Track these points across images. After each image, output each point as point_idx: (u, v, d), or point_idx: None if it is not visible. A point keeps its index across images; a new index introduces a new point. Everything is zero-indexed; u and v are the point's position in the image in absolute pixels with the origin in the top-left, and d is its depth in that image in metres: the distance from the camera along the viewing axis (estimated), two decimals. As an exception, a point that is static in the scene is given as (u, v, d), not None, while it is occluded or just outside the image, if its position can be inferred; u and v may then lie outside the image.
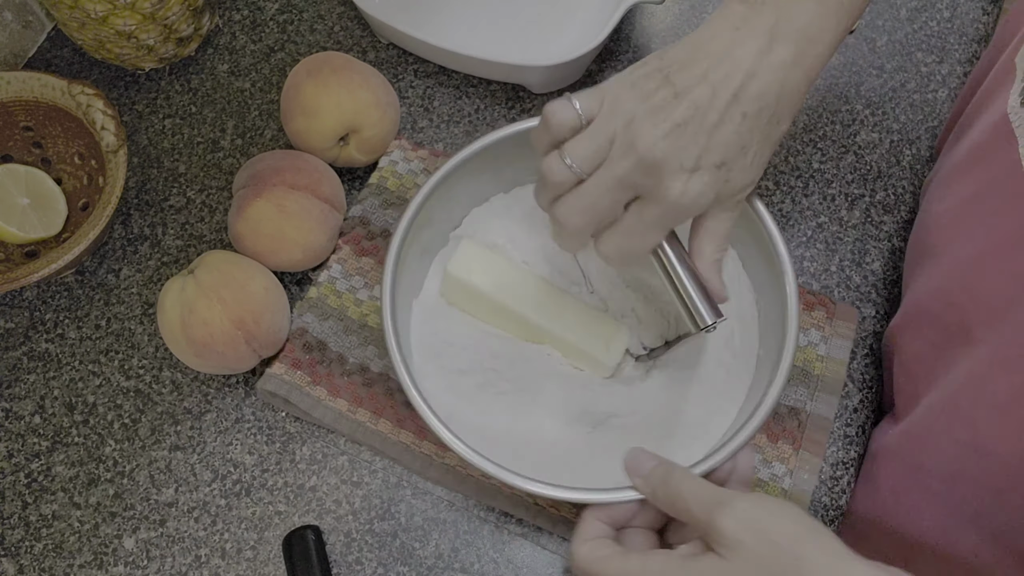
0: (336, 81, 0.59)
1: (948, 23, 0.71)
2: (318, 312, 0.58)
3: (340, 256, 0.60)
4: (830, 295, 0.61)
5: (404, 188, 0.62)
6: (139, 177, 0.65)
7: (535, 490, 0.45)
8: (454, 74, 0.69)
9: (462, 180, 0.54)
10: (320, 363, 0.57)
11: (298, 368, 0.57)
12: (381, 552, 0.55)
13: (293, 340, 0.57)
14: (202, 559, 0.54)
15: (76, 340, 0.60)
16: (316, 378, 0.57)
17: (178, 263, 0.62)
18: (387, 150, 0.63)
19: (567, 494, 0.45)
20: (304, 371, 0.57)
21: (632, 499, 0.44)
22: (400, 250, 0.51)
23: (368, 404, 0.56)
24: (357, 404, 0.56)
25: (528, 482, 0.45)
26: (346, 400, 0.56)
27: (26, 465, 0.57)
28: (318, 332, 0.58)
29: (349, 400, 0.56)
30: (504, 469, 0.45)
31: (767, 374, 0.49)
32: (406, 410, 0.56)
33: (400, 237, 0.51)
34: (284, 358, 0.57)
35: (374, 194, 0.61)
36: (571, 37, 0.69)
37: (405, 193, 0.62)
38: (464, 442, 0.46)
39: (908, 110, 0.68)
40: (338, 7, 0.71)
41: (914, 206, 0.64)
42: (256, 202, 0.56)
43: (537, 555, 0.55)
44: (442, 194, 0.53)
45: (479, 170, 0.55)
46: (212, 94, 0.68)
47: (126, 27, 0.61)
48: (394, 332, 0.49)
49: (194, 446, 0.57)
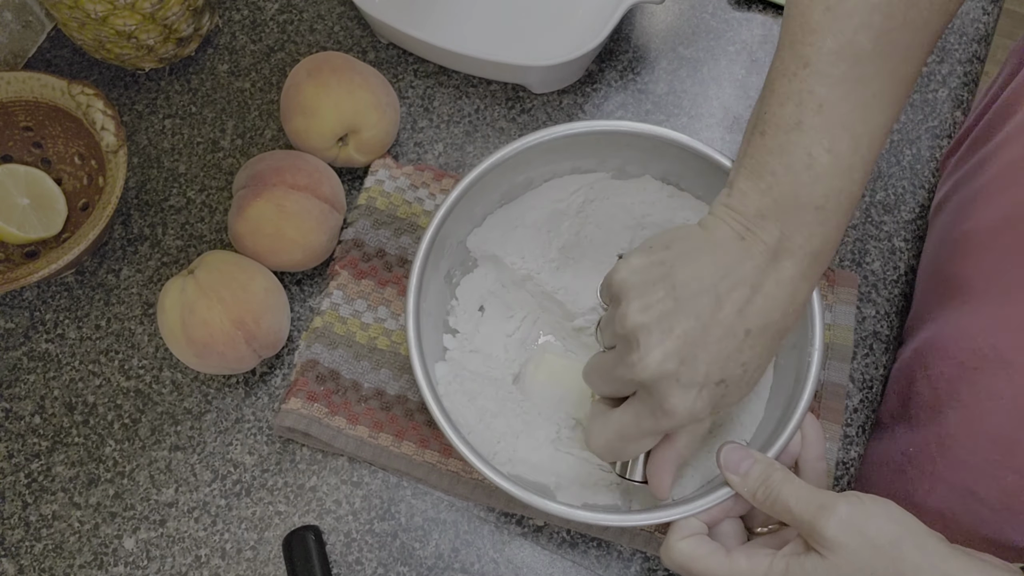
0: (336, 81, 0.59)
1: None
2: (326, 341, 0.57)
3: (339, 282, 0.59)
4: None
5: (394, 206, 0.61)
6: (139, 177, 0.65)
7: (608, 523, 0.45)
8: (454, 74, 0.69)
9: (472, 198, 0.53)
10: (335, 392, 0.56)
11: (314, 400, 0.55)
12: (381, 552, 0.55)
13: (305, 373, 0.56)
14: (202, 559, 0.54)
15: (76, 340, 0.60)
16: (333, 408, 0.55)
17: (178, 263, 0.62)
18: (371, 169, 0.62)
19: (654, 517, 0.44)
20: (320, 402, 0.55)
21: (724, 499, 0.44)
22: (421, 278, 0.50)
23: (389, 428, 0.56)
24: (378, 429, 0.56)
25: (595, 515, 0.45)
26: (366, 426, 0.55)
27: (26, 465, 0.57)
28: (329, 361, 0.56)
29: (369, 426, 0.55)
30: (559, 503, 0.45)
31: (796, 361, 0.49)
32: (429, 430, 0.56)
33: (420, 265, 0.50)
34: (298, 392, 0.55)
35: (364, 215, 0.60)
36: (571, 37, 0.68)
37: (395, 211, 0.61)
38: (509, 479, 0.46)
39: (908, 110, 0.68)
40: (338, 7, 0.71)
41: (914, 206, 0.64)
42: (256, 202, 0.56)
43: (537, 555, 0.55)
44: (456, 214, 0.53)
45: (489, 185, 0.54)
46: (212, 94, 0.68)
47: (126, 27, 0.61)
48: (419, 352, 0.48)
49: (194, 446, 0.57)
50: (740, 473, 0.43)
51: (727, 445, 0.44)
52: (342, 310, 0.58)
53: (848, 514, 0.38)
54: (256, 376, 0.59)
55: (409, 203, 0.61)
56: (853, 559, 0.38)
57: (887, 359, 0.61)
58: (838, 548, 0.38)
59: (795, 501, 0.40)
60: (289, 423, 0.54)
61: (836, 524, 0.38)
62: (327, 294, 0.59)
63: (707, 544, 0.43)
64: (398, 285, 0.60)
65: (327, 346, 0.57)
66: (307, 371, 0.56)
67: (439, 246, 0.52)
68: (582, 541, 0.55)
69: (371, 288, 0.59)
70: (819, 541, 0.39)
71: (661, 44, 0.70)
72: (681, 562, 0.43)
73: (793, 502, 0.40)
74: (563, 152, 0.54)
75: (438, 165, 0.65)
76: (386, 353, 0.58)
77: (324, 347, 0.57)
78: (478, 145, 0.66)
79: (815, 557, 0.39)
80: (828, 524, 0.38)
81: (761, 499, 0.42)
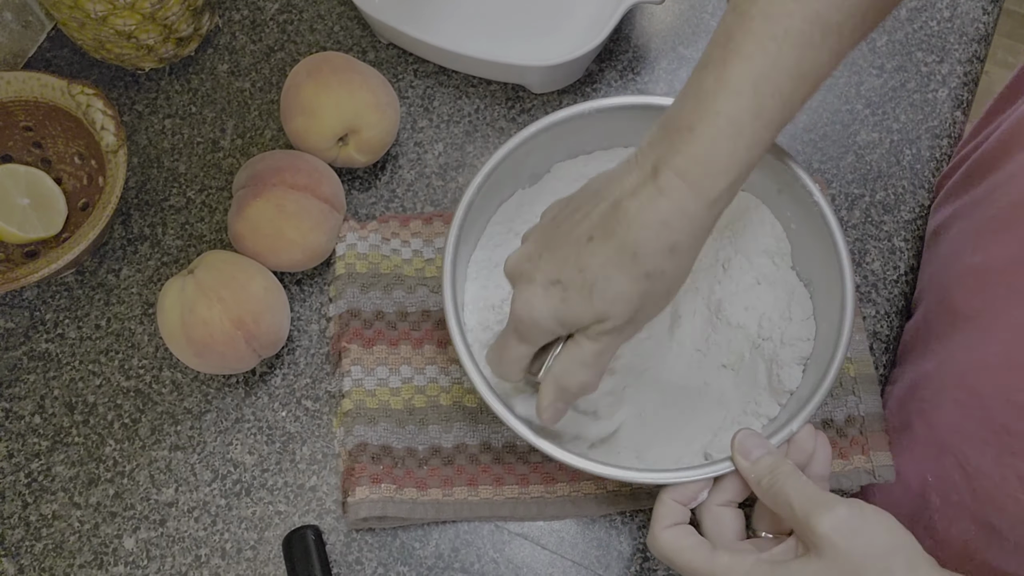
0: (336, 81, 0.59)
1: (948, 23, 0.71)
2: (364, 420, 0.55)
3: (352, 358, 0.56)
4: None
5: (374, 265, 0.59)
6: (139, 177, 0.65)
7: (646, 479, 0.46)
8: (454, 74, 0.69)
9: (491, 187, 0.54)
10: (395, 466, 0.54)
11: (379, 482, 0.53)
12: (381, 552, 0.55)
13: (357, 459, 0.54)
14: (202, 559, 0.54)
15: (76, 340, 0.60)
16: (399, 481, 0.53)
17: (178, 263, 0.62)
18: (340, 237, 0.60)
19: (650, 476, 0.46)
20: (386, 481, 0.53)
21: (708, 476, 0.45)
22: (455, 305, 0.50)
23: (460, 479, 0.55)
24: (449, 485, 0.54)
25: (634, 473, 0.46)
26: (437, 487, 0.54)
27: (26, 465, 0.57)
28: (376, 439, 0.54)
29: (440, 485, 0.54)
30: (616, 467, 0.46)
31: (823, 357, 0.49)
32: (501, 467, 0.55)
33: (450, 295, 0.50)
34: (360, 479, 0.53)
35: (349, 283, 0.58)
36: (571, 37, 0.69)
37: (377, 269, 0.59)
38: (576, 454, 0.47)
39: (908, 110, 0.68)
40: (338, 7, 0.71)
41: (914, 206, 0.64)
42: (256, 202, 0.56)
43: (537, 555, 0.55)
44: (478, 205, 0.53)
45: (505, 173, 0.54)
46: (212, 94, 0.68)
47: (126, 27, 0.61)
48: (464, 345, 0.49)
49: (194, 446, 0.57)
50: (751, 459, 0.44)
51: (744, 430, 0.45)
52: (366, 384, 0.56)
53: (846, 516, 0.38)
54: (256, 376, 0.59)
55: (387, 256, 0.60)
56: (842, 563, 0.37)
57: (887, 359, 0.61)
58: (829, 548, 0.38)
59: (797, 495, 0.40)
60: (363, 513, 0.52)
61: (831, 523, 0.38)
62: (344, 374, 0.56)
63: (691, 536, 0.43)
64: (409, 340, 0.58)
65: (367, 424, 0.55)
66: (358, 456, 0.54)
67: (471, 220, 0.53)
68: (582, 541, 0.55)
69: (385, 352, 0.57)
70: (811, 539, 0.38)
71: (661, 44, 0.71)
72: (665, 552, 0.43)
73: (795, 496, 0.40)
74: (602, 127, 0.55)
75: (438, 165, 0.65)
76: (426, 410, 0.56)
77: (365, 426, 0.55)
78: (478, 145, 0.66)
79: (803, 559, 0.39)
80: (823, 521, 0.38)
81: (765, 487, 0.42)
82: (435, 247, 0.61)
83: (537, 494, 0.55)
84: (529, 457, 0.56)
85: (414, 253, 0.60)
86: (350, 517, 0.53)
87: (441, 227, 0.61)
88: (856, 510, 0.39)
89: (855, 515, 0.38)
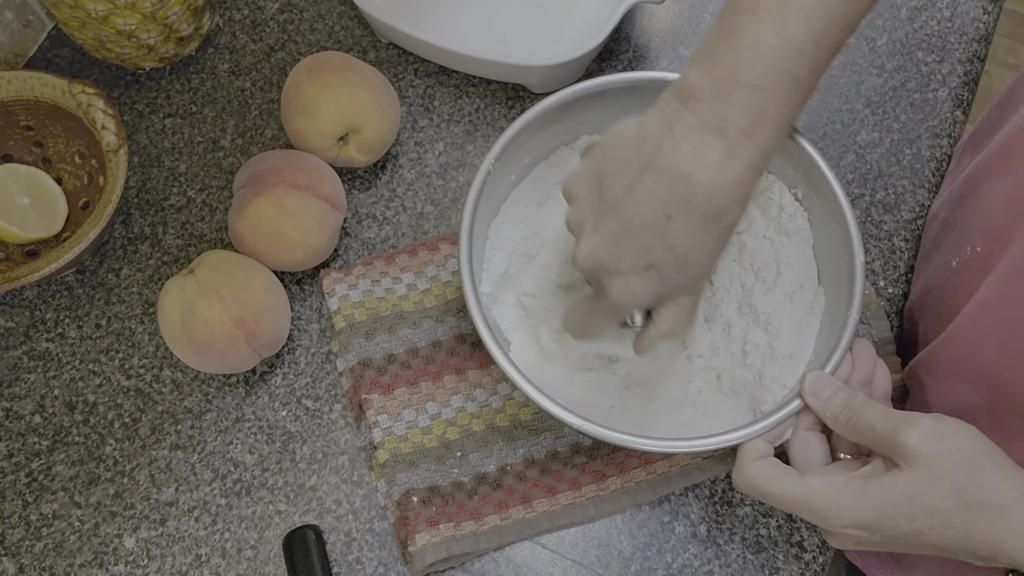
0: (336, 81, 0.59)
1: (948, 22, 0.71)
2: (404, 466, 0.54)
3: (376, 408, 0.56)
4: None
5: (373, 310, 0.58)
6: (139, 176, 0.65)
7: (674, 449, 0.47)
8: (454, 74, 0.69)
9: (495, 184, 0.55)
10: (447, 504, 0.54)
11: (435, 524, 0.52)
12: (381, 552, 0.55)
13: (407, 507, 0.53)
14: (202, 558, 0.54)
15: (76, 339, 0.60)
16: (455, 518, 0.53)
17: (178, 262, 0.62)
18: (326, 292, 0.59)
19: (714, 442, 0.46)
20: (443, 522, 0.53)
21: (793, 412, 0.46)
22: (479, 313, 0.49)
23: (513, 500, 0.54)
24: (504, 508, 0.54)
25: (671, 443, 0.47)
26: (492, 513, 0.54)
27: (26, 464, 0.57)
28: (421, 482, 0.54)
29: (495, 511, 0.54)
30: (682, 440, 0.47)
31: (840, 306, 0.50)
32: (550, 478, 0.55)
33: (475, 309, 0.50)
34: (418, 526, 0.52)
35: (353, 335, 0.57)
36: (571, 37, 0.69)
37: (377, 313, 0.58)
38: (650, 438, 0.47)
39: (908, 109, 0.68)
40: (338, 7, 0.71)
41: (914, 205, 0.64)
42: (256, 201, 0.56)
43: (537, 554, 0.55)
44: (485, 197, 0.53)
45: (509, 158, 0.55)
46: (212, 93, 0.68)
47: (126, 26, 0.61)
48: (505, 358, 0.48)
49: (194, 445, 0.57)
50: (823, 399, 0.45)
51: (812, 373, 0.46)
52: (396, 430, 0.56)
53: (932, 427, 0.40)
54: (256, 375, 0.59)
55: (383, 298, 0.59)
56: (934, 469, 0.39)
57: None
58: (919, 459, 0.39)
59: (878, 418, 0.42)
60: (430, 559, 0.51)
61: (919, 435, 0.39)
62: (371, 426, 0.56)
63: (779, 466, 0.44)
64: (427, 375, 0.57)
65: (408, 470, 0.54)
66: (407, 503, 0.53)
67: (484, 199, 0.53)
68: (582, 541, 0.55)
69: (407, 394, 0.57)
70: (900, 453, 0.40)
71: (661, 44, 0.71)
72: (755, 483, 0.44)
73: (876, 419, 0.42)
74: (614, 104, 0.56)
75: (438, 165, 0.65)
76: (462, 440, 0.56)
77: (406, 472, 0.54)
78: (478, 144, 0.66)
79: (895, 472, 0.40)
80: (911, 435, 0.39)
81: (844, 421, 0.44)
82: (427, 276, 0.60)
83: (591, 494, 0.55)
84: (574, 460, 0.56)
85: (408, 288, 0.60)
86: (416, 566, 0.52)
87: (427, 256, 0.61)
88: (940, 421, 0.40)
89: (940, 425, 0.40)
